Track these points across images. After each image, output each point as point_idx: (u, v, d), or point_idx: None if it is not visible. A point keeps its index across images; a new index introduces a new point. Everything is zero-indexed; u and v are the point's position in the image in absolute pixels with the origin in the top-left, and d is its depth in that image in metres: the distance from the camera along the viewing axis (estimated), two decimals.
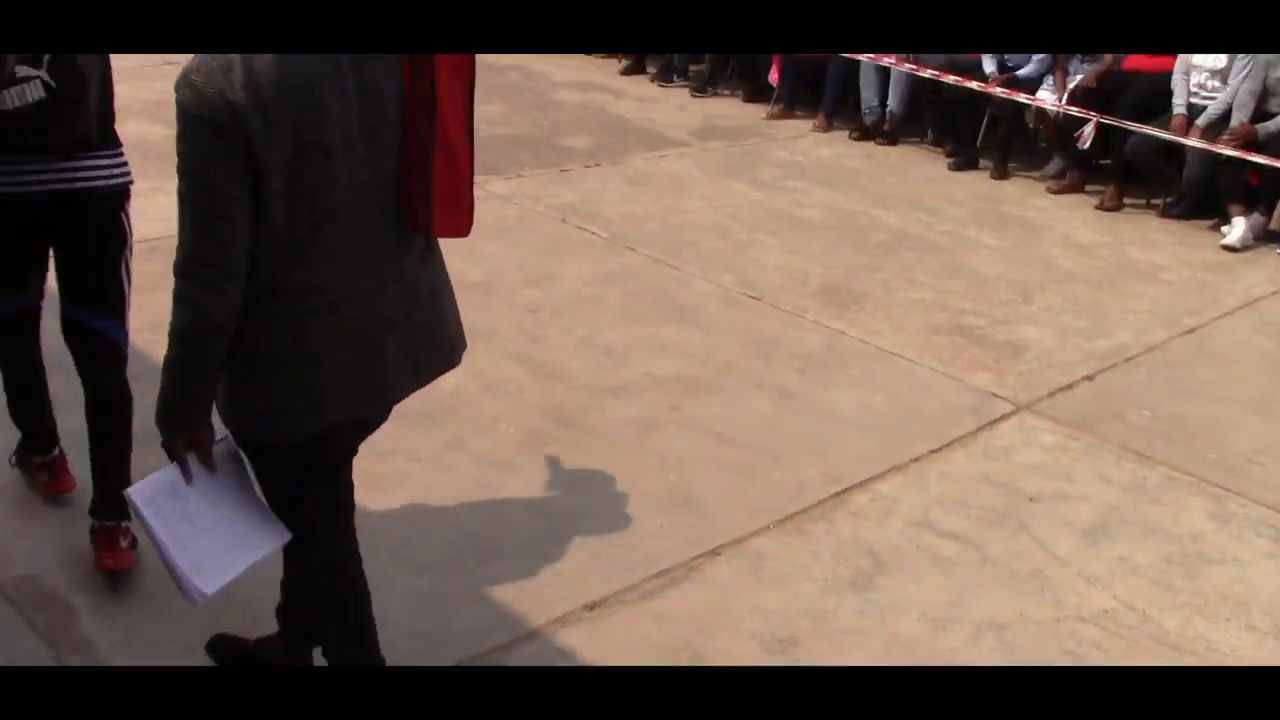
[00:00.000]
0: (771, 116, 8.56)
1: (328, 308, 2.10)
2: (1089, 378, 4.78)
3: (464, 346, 2.45)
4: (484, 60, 9.43)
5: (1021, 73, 7.39)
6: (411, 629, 3.00)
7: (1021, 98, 7.28)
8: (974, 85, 7.42)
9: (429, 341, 2.30)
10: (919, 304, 5.37)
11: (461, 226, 2.22)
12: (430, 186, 2.09)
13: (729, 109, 8.75)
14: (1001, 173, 7.53)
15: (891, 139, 8.13)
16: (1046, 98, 7.25)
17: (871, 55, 8.03)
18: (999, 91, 7.34)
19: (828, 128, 8.37)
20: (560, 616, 3.12)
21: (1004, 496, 3.87)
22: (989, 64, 7.50)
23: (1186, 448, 4.27)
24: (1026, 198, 7.18)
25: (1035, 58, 7.37)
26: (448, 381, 4.22)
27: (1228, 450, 4.28)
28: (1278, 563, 3.63)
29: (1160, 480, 4.04)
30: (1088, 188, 7.27)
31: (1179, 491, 3.98)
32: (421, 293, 2.25)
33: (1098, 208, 7.01)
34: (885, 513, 3.72)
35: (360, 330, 2.15)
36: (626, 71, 9.50)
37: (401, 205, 2.10)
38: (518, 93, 8.60)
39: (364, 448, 2.59)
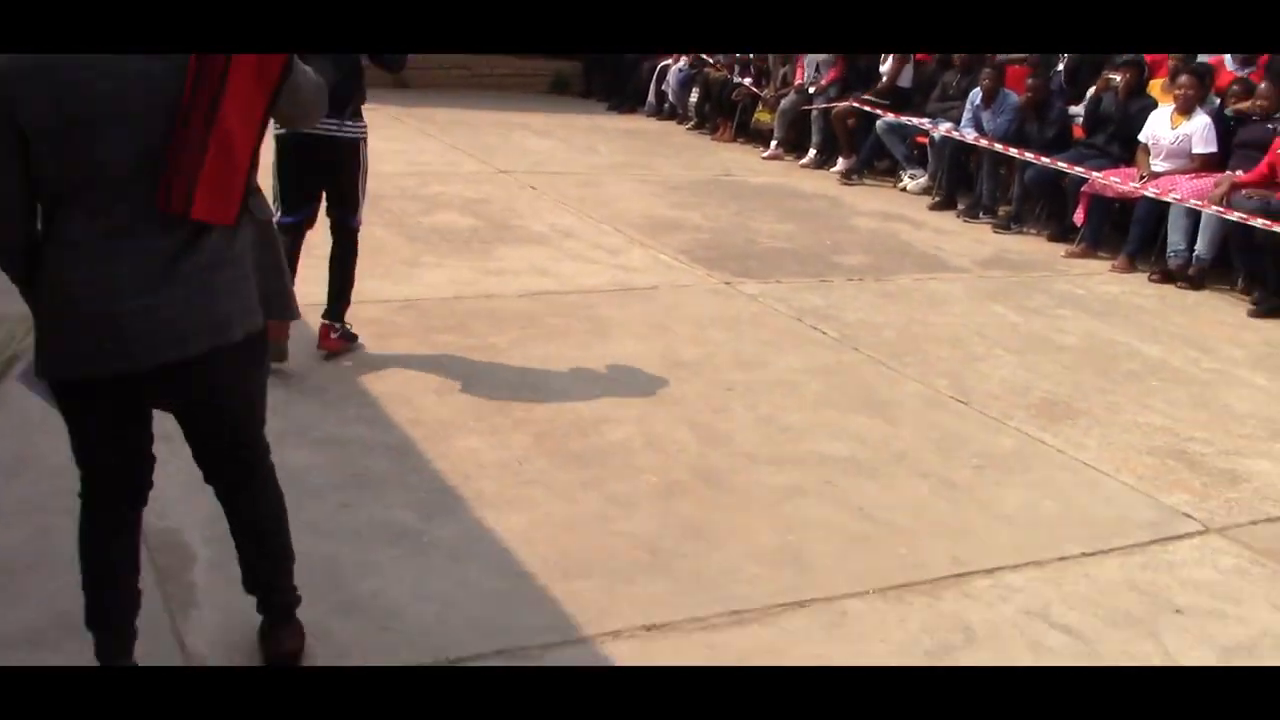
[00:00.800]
0: (1072, 255, 8.32)
1: (83, 264, 2.35)
2: None
3: (248, 326, 2.50)
4: (792, 187, 9.73)
5: None
6: (471, 615, 3.19)
7: None
8: None
9: (189, 314, 2.40)
10: (1142, 426, 5.06)
11: (228, 216, 2.38)
12: (197, 173, 2.29)
13: (1028, 245, 8.58)
14: None
15: (1196, 284, 7.69)
16: None
17: (1179, 197, 7.69)
18: None
19: (1129, 269, 8.04)
20: (615, 631, 3.21)
21: (1145, 604, 3.59)
22: None
23: None
24: None
25: None
26: (616, 432, 4.48)
27: None
28: None
29: None
30: None
31: None
32: (181, 267, 2.38)
33: None
34: (1001, 599, 3.55)
35: (104, 291, 2.35)
36: (936, 207, 9.54)
37: (160, 185, 2.31)
38: (815, 216, 8.85)
39: (508, 475, 3.47)
